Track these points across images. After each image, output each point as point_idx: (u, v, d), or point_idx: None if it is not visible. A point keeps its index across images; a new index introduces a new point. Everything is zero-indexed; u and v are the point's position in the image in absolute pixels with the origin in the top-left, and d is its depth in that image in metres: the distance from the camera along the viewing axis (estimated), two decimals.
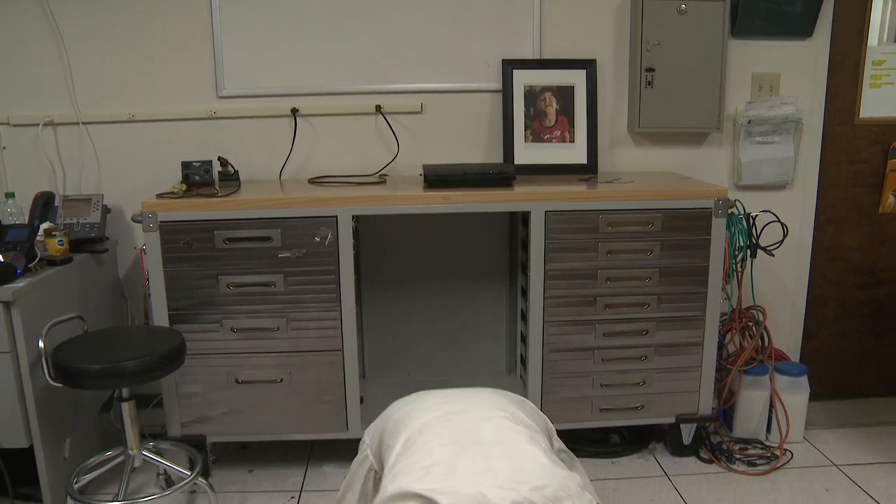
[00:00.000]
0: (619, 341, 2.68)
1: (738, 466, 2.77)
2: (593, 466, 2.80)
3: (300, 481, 2.71)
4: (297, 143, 2.98)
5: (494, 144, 3.02)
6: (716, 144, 3.04)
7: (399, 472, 1.54)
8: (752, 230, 2.86)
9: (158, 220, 2.48)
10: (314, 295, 2.55)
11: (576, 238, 2.57)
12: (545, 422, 1.87)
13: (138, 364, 2.19)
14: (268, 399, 2.63)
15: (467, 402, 1.80)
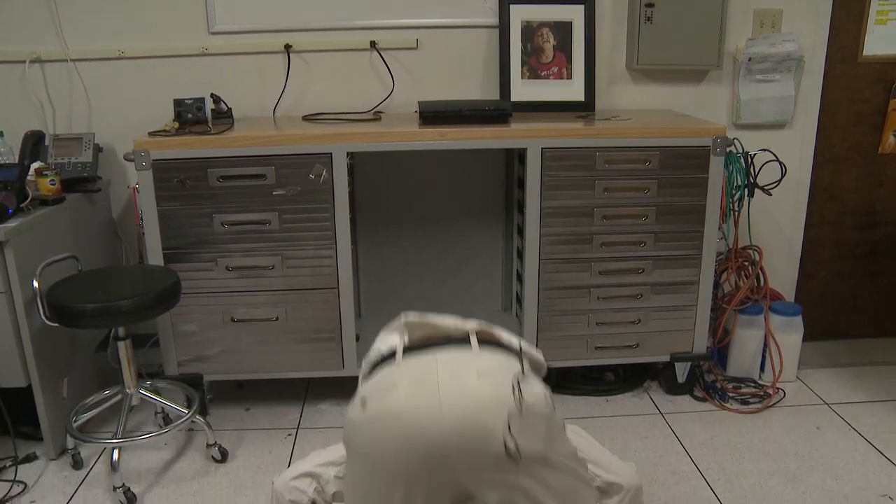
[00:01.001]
0: (615, 279, 2.67)
1: (732, 405, 2.79)
2: (588, 404, 2.82)
3: (297, 419, 2.74)
4: (291, 80, 2.94)
5: (491, 81, 2.98)
6: (715, 82, 3.00)
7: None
8: (751, 169, 2.84)
9: (151, 158, 2.44)
10: (309, 233, 2.53)
11: (572, 176, 2.55)
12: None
13: (133, 303, 2.18)
14: (264, 337, 2.63)
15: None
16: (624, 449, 2.50)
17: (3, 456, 2.46)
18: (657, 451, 2.49)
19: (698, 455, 2.46)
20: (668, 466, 2.40)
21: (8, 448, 2.49)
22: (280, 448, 2.53)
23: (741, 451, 2.49)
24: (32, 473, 2.39)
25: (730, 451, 2.48)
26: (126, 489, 2.23)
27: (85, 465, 2.44)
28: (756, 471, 2.38)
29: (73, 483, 2.34)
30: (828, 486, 2.30)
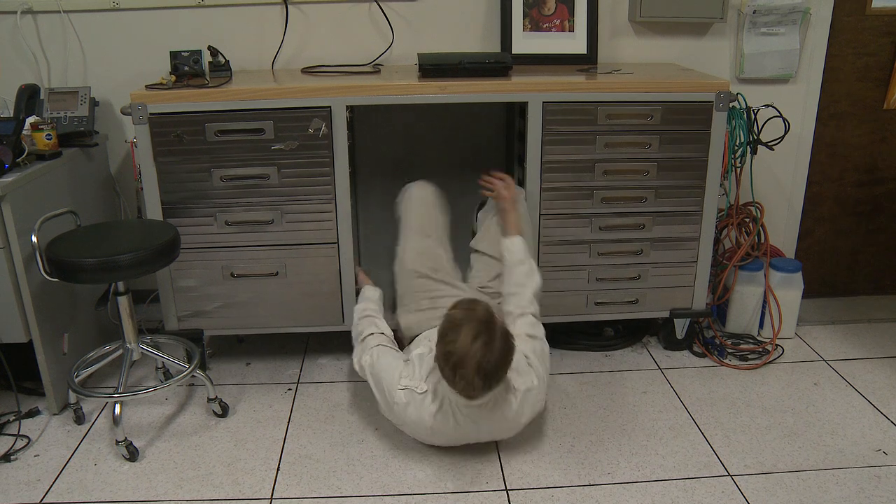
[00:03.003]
0: (616, 235, 2.66)
1: (730, 361, 2.81)
2: (587, 359, 2.83)
3: (297, 373, 2.74)
4: (289, 32, 2.90)
5: (492, 33, 2.94)
6: (719, 35, 2.95)
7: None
8: (754, 125, 2.80)
9: (148, 112, 2.42)
10: (309, 188, 2.51)
11: (573, 130, 2.52)
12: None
13: (133, 257, 2.18)
14: (264, 292, 2.63)
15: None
16: (623, 404, 2.51)
17: (6, 411, 2.47)
18: (656, 406, 2.50)
19: (696, 410, 2.47)
20: (667, 421, 2.41)
21: (11, 403, 2.51)
22: (280, 402, 2.54)
23: (739, 406, 2.50)
24: (35, 428, 2.40)
25: (727, 407, 2.50)
26: (128, 443, 2.24)
27: (87, 419, 2.45)
28: (753, 426, 2.39)
29: (76, 437, 2.36)
30: (824, 441, 2.31)
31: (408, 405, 2.12)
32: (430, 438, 2.21)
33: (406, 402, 2.12)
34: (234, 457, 2.26)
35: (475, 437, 2.19)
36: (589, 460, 2.23)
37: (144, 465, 2.21)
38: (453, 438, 2.20)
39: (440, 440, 2.21)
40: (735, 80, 3.00)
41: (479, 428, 2.14)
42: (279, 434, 2.37)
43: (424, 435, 2.20)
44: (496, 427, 2.16)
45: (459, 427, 2.12)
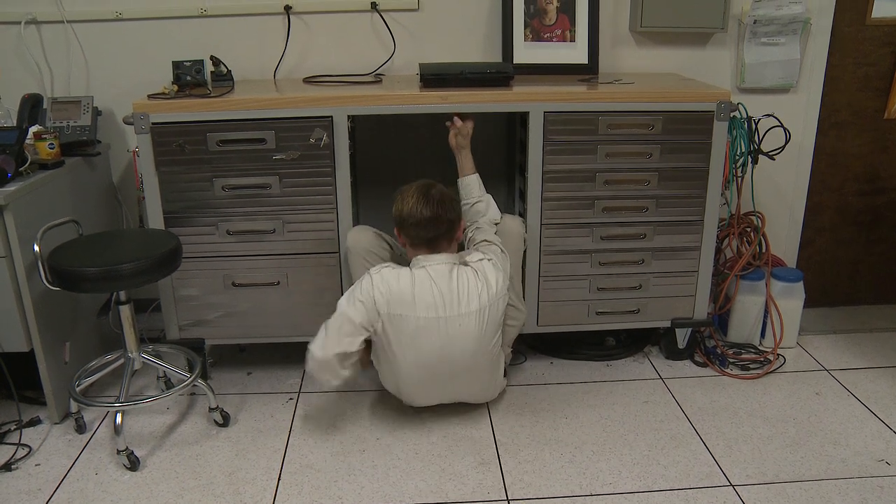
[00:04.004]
0: (617, 245, 2.66)
1: (732, 370, 2.80)
2: (589, 369, 2.83)
3: (298, 383, 2.74)
4: (291, 42, 2.91)
5: (493, 43, 2.95)
6: (719, 45, 2.97)
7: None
8: (755, 135, 2.81)
9: (150, 121, 2.43)
10: (310, 197, 2.52)
11: (575, 139, 2.53)
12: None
13: (135, 266, 2.18)
14: (265, 302, 2.63)
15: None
16: (624, 414, 2.51)
17: (7, 420, 2.47)
18: (657, 415, 2.50)
19: (698, 420, 2.47)
20: (668, 431, 2.41)
21: (12, 412, 2.50)
22: (282, 412, 2.54)
23: (741, 416, 2.50)
24: (36, 437, 2.40)
25: (729, 416, 2.49)
26: (129, 452, 2.24)
27: (88, 428, 2.45)
28: (755, 435, 2.39)
29: (77, 447, 2.35)
30: (826, 451, 2.31)
31: (393, 275, 2.29)
32: (416, 321, 2.24)
33: (389, 270, 2.31)
34: (235, 466, 2.25)
35: (457, 307, 2.27)
36: (590, 470, 2.22)
37: (145, 475, 2.21)
38: (434, 307, 2.26)
39: (424, 312, 2.23)
40: (736, 90, 3.00)
41: (454, 294, 2.26)
42: (280, 444, 2.36)
43: (409, 309, 2.25)
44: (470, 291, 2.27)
45: (436, 286, 2.27)
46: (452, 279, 2.34)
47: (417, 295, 2.27)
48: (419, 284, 2.32)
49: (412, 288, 2.28)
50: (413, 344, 2.29)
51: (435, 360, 2.31)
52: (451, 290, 2.28)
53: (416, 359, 2.31)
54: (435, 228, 2.36)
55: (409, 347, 2.29)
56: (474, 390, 2.47)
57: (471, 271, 2.38)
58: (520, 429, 2.45)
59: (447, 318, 2.26)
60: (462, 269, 2.38)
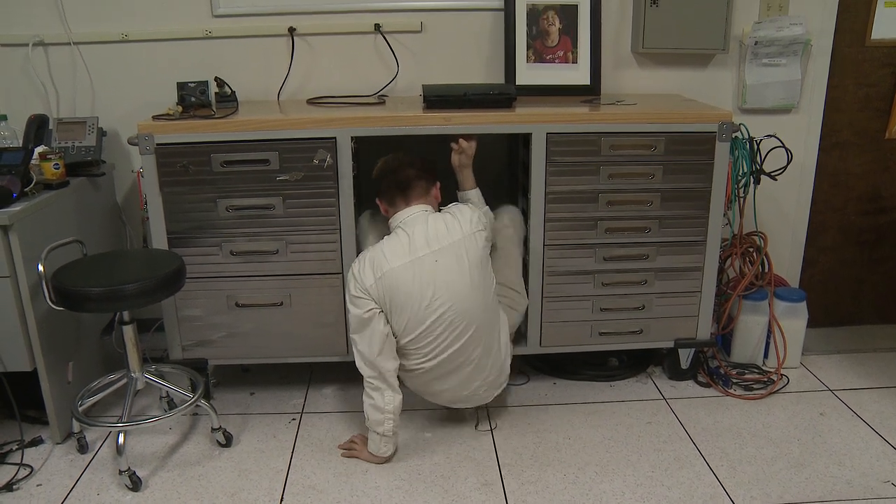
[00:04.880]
0: (620, 265, 2.66)
1: (735, 391, 2.80)
2: (592, 390, 2.83)
3: (301, 403, 2.74)
4: (295, 64, 2.93)
5: (496, 65, 2.96)
6: (721, 66, 2.98)
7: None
8: (756, 155, 2.81)
9: (155, 142, 2.44)
10: (313, 218, 2.53)
11: (577, 160, 2.54)
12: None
13: (139, 286, 2.19)
14: (268, 322, 2.63)
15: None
16: (628, 434, 2.50)
17: (9, 440, 2.47)
18: (661, 436, 2.49)
19: (702, 441, 2.46)
20: (672, 452, 2.40)
21: (14, 432, 2.50)
22: (284, 433, 2.54)
23: (744, 436, 2.49)
24: (38, 457, 2.40)
25: (733, 437, 2.49)
26: (131, 473, 2.23)
27: (90, 448, 2.45)
28: (759, 456, 2.38)
29: (79, 467, 2.35)
30: (831, 472, 2.30)
31: (367, 253, 2.33)
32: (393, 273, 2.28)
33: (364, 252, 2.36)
34: (237, 487, 2.25)
35: (427, 247, 2.29)
36: (594, 491, 2.22)
37: (147, 495, 2.21)
38: (405, 253, 2.29)
39: (398, 260, 2.28)
40: (738, 111, 3.02)
41: (428, 236, 2.30)
42: (283, 464, 2.36)
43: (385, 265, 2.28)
44: (442, 229, 2.32)
45: (406, 235, 2.32)
46: (428, 224, 2.39)
47: (388, 249, 2.35)
48: (391, 241, 2.39)
49: (383, 247, 2.37)
50: (404, 303, 2.30)
51: (428, 310, 2.31)
52: (425, 233, 2.37)
53: (412, 316, 2.29)
54: (406, 171, 2.47)
55: (402, 309, 2.31)
56: (484, 362, 2.42)
57: (445, 214, 2.46)
58: (523, 449, 2.44)
59: (420, 258, 2.32)
60: (437, 214, 2.46)
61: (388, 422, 2.32)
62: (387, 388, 2.33)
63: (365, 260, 2.32)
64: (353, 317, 2.31)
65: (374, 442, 2.36)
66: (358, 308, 2.29)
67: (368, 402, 2.34)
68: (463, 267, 2.30)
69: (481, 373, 2.43)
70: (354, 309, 2.30)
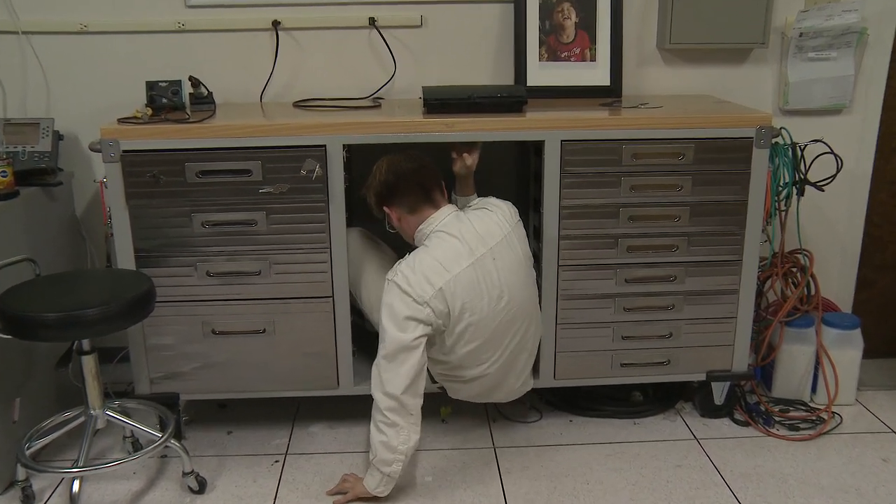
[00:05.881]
0: (644, 288, 2.91)
1: (779, 430, 3.02)
2: (613, 428, 3.05)
3: (285, 443, 2.98)
4: (280, 62, 3.18)
5: (504, 64, 3.22)
6: (760, 62, 3.24)
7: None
8: (800, 163, 3.04)
9: (121, 148, 2.67)
10: (301, 235, 2.78)
11: (595, 171, 2.78)
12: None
13: (100, 312, 2.36)
14: (249, 352, 2.88)
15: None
16: (654, 479, 2.72)
17: None
18: (692, 482, 2.71)
19: (740, 488, 2.67)
20: (705, 500, 2.61)
21: None
22: (266, 476, 2.77)
23: (790, 484, 2.69)
24: None
25: (777, 485, 2.69)
26: None
27: (38, 499, 2.63)
28: None
29: None
30: None
31: (410, 262, 2.60)
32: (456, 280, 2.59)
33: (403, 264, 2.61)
34: None
35: (482, 245, 2.62)
36: None
37: None
38: (466, 255, 2.61)
39: (458, 266, 2.58)
40: (778, 113, 3.27)
41: (474, 234, 2.62)
42: None
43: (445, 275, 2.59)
44: (487, 224, 2.64)
45: (454, 238, 2.61)
46: (472, 222, 2.70)
47: (440, 256, 2.63)
48: (439, 247, 2.66)
49: (433, 255, 2.63)
50: (471, 308, 2.60)
51: (497, 312, 2.64)
52: (474, 232, 2.67)
53: (479, 321, 2.62)
54: (426, 175, 2.75)
55: (468, 316, 2.60)
56: (531, 343, 2.82)
57: (481, 210, 2.76)
58: (535, 496, 2.66)
59: (480, 258, 2.63)
60: (472, 212, 2.77)
61: (397, 463, 2.57)
62: (405, 425, 2.56)
63: (413, 273, 2.58)
64: (393, 341, 2.54)
65: (373, 479, 2.61)
66: (405, 333, 2.53)
67: (379, 437, 2.57)
68: (517, 261, 2.67)
69: (529, 365, 2.89)
70: (399, 334, 2.53)
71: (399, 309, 2.50)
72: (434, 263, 2.54)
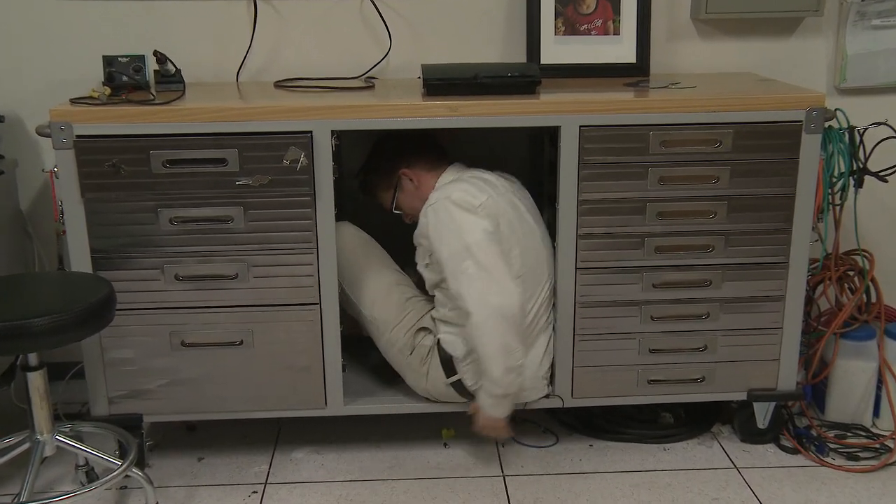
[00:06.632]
0: (674, 294, 3.07)
1: (834, 460, 3.16)
2: (639, 454, 3.19)
3: (265, 472, 3.12)
4: (259, 35, 3.35)
5: (515, 38, 3.39)
6: (812, 33, 3.39)
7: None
8: (859, 149, 3.15)
9: (74, 133, 2.82)
10: (283, 233, 2.94)
11: (619, 161, 2.95)
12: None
13: (51, 321, 2.46)
14: (223, 366, 3.05)
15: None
16: None
17: None
18: None
19: None
20: None
21: None
22: None
23: None
24: None
25: None
26: None
27: None
28: None
29: None
30: None
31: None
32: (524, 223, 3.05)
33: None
34: None
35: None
36: None
37: None
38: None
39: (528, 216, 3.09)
40: (833, 92, 3.42)
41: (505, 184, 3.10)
42: None
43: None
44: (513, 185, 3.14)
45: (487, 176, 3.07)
46: (484, 174, 3.11)
47: (482, 181, 3.03)
48: (477, 177, 3.06)
49: (471, 180, 3.03)
50: (518, 230, 3.01)
51: (539, 244, 3.07)
52: (493, 178, 3.09)
53: (527, 247, 3.02)
54: (434, 135, 3.12)
55: (516, 238, 3.01)
56: (548, 321, 3.15)
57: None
58: None
59: (504, 194, 3.05)
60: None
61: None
62: (524, 350, 2.98)
63: (456, 190, 2.94)
64: (476, 244, 2.89)
65: (503, 406, 2.94)
66: (483, 220, 2.89)
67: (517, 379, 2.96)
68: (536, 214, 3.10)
69: (549, 355, 3.16)
70: (477, 222, 2.90)
71: (465, 206, 2.88)
72: (477, 182, 2.96)
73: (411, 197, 3.04)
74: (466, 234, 2.82)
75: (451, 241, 2.85)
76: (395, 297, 3.11)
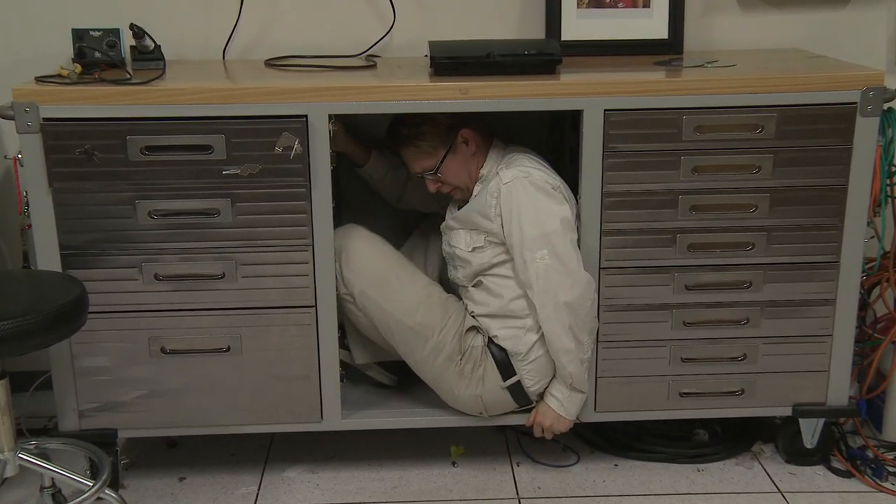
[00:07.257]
0: (709, 297, 3.25)
1: (894, 485, 3.33)
2: (671, 474, 3.35)
3: (253, 492, 3.29)
4: (248, 8, 3.51)
5: (533, 12, 3.57)
6: (869, 4, 3.51)
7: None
8: None
9: (40, 115, 2.96)
10: (275, 228, 3.11)
11: (648, 149, 3.13)
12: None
13: (13, 326, 2.56)
14: (208, 375, 3.23)
15: None
16: None
17: None
18: None
19: None
20: None
21: None
22: None
23: None
24: None
25: None
26: None
27: None
28: None
29: None
30: None
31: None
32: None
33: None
34: None
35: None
36: None
37: None
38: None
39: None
40: (894, 69, 3.49)
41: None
42: None
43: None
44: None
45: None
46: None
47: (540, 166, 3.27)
48: (535, 159, 3.29)
49: (541, 162, 3.28)
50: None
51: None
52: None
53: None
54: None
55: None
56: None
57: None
58: None
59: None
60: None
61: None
62: (591, 341, 3.22)
63: (534, 169, 3.15)
64: (555, 233, 3.10)
65: (576, 402, 3.16)
66: (562, 205, 3.15)
67: (584, 367, 3.20)
68: None
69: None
70: (557, 209, 3.13)
71: (545, 188, 3.09)
72: (546, 169, 3.17)
73: (461, 164, 3.16)
74: (547, 221, 3.03)
75: (528, 227, 3.03)
76: (436, 299, 3.26)
